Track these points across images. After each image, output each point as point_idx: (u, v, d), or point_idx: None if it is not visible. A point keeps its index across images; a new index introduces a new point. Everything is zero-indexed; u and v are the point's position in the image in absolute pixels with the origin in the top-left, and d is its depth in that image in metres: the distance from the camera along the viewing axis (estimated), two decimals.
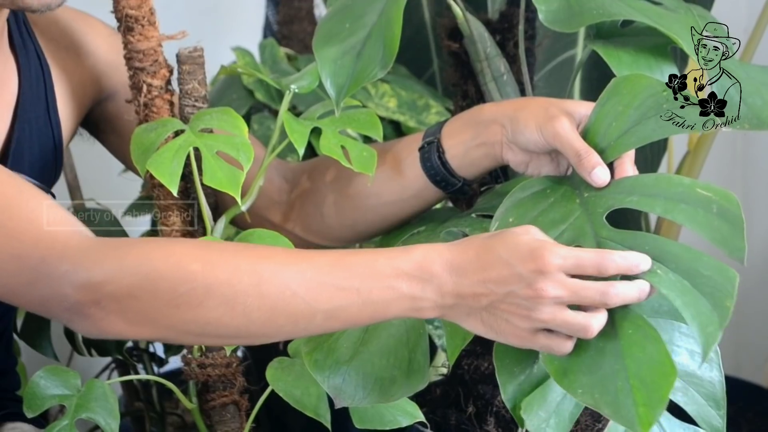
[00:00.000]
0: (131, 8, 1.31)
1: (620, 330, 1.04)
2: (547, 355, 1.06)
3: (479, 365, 1.46)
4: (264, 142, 1.45)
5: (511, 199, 1.17)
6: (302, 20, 2.39)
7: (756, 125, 1.21)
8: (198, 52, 1.34)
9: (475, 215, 1.29)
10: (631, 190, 1.13)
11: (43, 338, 1.65)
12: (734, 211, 1.06)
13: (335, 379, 1.19)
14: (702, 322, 1.01)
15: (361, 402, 1.19)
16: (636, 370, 1.01)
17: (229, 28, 2.67)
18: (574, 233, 1.11)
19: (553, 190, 1.17)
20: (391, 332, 1.20)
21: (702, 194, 1.08)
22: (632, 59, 1.22)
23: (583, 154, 1.16)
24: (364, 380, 1.19)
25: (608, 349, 1.03)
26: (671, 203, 1.09)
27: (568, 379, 1.04)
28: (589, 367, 1.03)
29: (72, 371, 1.31)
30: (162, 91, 1.35)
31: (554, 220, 1.13)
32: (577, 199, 1.15)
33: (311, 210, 1.42)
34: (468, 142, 1.30)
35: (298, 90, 1.38)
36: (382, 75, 1.26)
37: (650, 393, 1.00)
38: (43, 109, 1.39)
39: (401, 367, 1.18)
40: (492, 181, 1.39)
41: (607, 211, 1.12)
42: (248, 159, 1.26)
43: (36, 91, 1.39)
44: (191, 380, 1.40)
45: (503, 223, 1.15)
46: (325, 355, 1.20)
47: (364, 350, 1.19)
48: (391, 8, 1.27)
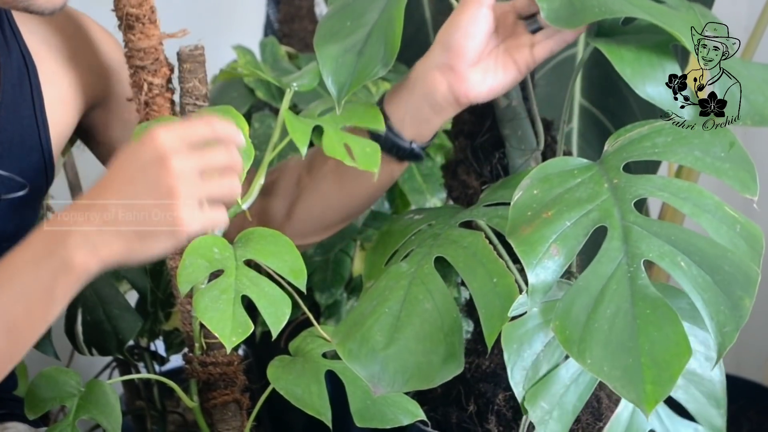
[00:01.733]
0: (132, 6, 1.31)
1: (637, 309, 1.04)
2: (559, 323, 1.06)
3: (480, 363, 1.46)
4: (265, 140, 1.45)
5: (538, 172, 1.17)
6: (303, 18, 2.39)
7: (758, 122, 1.22)
8: (199, 50, 1.33)
9: (483, 206, 1.29)
10: (663, 187, 1.13)
11: (44, 338, 1.65)
12: (757, 237, 1.08)
13: (373, 367, 1.18)
14: (720, 321, 1.02)
15: (401, 388, 1.18)
16: (649, 348, 1.01)
17: (229, 26, 2.67)
18: (600, 214, 1.11)
19: (580, 172, 1.17)
20: (425, 318, 1.19)
21: (729, 213, 1.10)
22: (634, 56, 1.21)
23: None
24: (403, 366, 1.18)
25: (624, 326, 1.03)
26: (699, 210, 1.10)
27: (578, 348, 1.04)
28: (602, 341, 1.03)
29: (72, 372, 1.32)
30: (163, 89, 1.35)
31: (580, 199, 1.13)
32: (605, 183, 1.15)
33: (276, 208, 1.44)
34: (409, 102, 1.32)
35: (299, 88, 1.38)
36: (384, 73, 1.26)
37: (661, 371, 1.00)
38: (29, 109, 1.38)
39: (438, 352, 1.18)
40: (493, 179, 1.39)
41: (635, 198, 1.12)
42: (249, 158, 1.26)
43: (19, 91, 1.37)
44: (192, 379, 1.40)
45: (528, 193, 1.14)
46: (359, 345, 1.19)
47: (400, 336, 1.18)
48: (393, 6, 1.27)
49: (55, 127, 1.41)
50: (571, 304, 1.07)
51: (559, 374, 1.14)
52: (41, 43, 1.40)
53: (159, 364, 1.90)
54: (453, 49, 1.27)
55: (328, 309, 1.96)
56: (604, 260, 1.08)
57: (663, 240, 1.08)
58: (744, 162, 1.13)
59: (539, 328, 1.14)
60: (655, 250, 1.07)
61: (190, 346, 1.39)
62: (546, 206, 1.13)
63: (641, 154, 1.17)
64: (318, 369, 1.32)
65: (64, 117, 1.42)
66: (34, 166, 1.39)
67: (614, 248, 1.09)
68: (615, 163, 1.17)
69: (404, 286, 1.21)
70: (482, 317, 1.17)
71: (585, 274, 1.08)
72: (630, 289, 1.05)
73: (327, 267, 1.95)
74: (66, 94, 1.42)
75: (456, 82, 1.28)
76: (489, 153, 1.45)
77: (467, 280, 1.20)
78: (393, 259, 1.30)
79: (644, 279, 1.06)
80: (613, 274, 1.07)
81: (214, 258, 1.24)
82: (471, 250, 1.22)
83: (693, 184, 1.14)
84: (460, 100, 1.30)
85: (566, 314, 1.06)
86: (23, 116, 1.37)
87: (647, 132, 1.19)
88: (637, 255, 1.07)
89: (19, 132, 1.37)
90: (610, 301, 1.05)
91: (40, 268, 1.10)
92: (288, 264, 1.26)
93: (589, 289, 1.07)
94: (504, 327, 1.12)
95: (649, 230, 1.09)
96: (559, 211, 1.12)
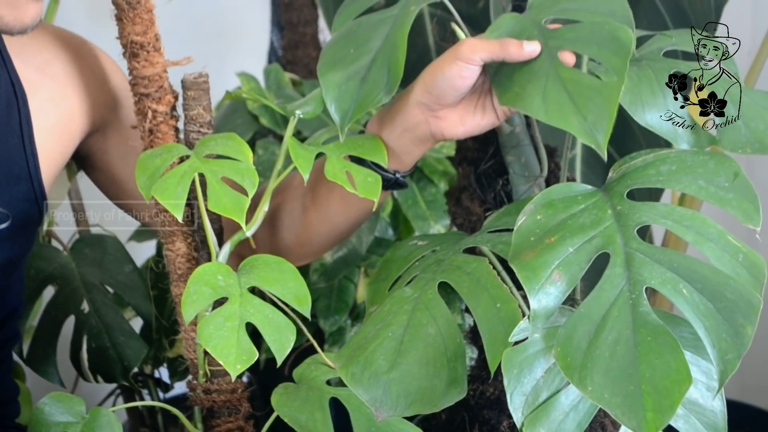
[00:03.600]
0: (136, 34, 1.31)
1: (638, 336, 1.04)
2: (561, 350, 1.06)
3: (485, 390, 1.45)
4: (269, 167, 1.46)
5: (542, 198, 1.17)
6: (307, 45, 2.40)
7: (758, 149, 1.22)
8: (203, 77, 1.34)
9: (487, 233, 1.29)
10: (666, 214, 1.13)
11: (49, 364, 1.65)
12: (759, 266, 1.08)
13: (376, 391, 1.18)
14: (722, 349, 1.02)
15: (403, 412, 1.18)
16: (650, 375, 1.01)
17: (234, 53, 2.68)
18: (603, 241, 1.11)
19: (584, 198, 1.17)
20: (429, 342, 1.19)
21: (731, 242, 1.10)
22: (634, 84, 1.22)
23: (503, 42, 1.21)
24: (406, 390, 1.18)
25: (625, 354, 1.03)
26: (702, 238, 1.10)
27: (579, 375, 1.04)
28: (603, 368, 1.03)
29: (77, 398, 1.31)
30: (167, 116, 1.35)
31: (584, 225, 1.13)
32: (609, 210, 1.15)
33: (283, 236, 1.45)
34: (390, 136, 1.33)
35: (302, 115, 1.38)
36: (387, 100, 1.26)
37: (661, 399, 1.00)
38: (17, 137, 1.37)
39: (441, 377, 1.18)
40: (496, 206, 1.39)
41: (639, 225, 1.12)
42: (253, 185, 1.26)
43: (7, 121, 1.36)
44: (196, 406, 1.39)
45: (531, 219, 1.15)
46: (362, 368, 1.19)
47: (403, 361, 1.19)
48: (396, 33, 1.28)
49: (47, 155, 1.40)
50: (573, 331, 1.07)
51: (559, 401, 1.14)
52: (36, 71, 1.40)
53: (163, 391, 1.90)
54: (435, 94, 1.28)
55: (332, 336, 1.96)
56: (606, 287, 1.08)
57: (665, 267, 1.08)
58: (748, 193, 1.13)
59: (540, 354, 1.14)
60: (657, 277, 1.08)
61: (194, 374, 1.39)
62: (549, 232, 1.13)
63: (645, 181, 1.18)
64: (322, 396, 1.31)
65: (57, 145, 1.42)
66: (22, 195, 1.39)
67: (616, 275, 1.09)
68: (619, 189, 1.18)
69: (408, 310, 1.21)
70: (486, 343, 1.17)
71: (587, 301, 1.08)
72: (631, 316, 1.05)
73: (331, 294, 1.96)
74: (61, 121, 1.41)
75: (434, 121, 1.30)
76: (492, 180, 1.45)
77: (471, 306, 1.20)
78: (396, 285, 1.30)
79: (646, 306, 1.06)
80: (615, 300, 1.07)
81: (219, 285, 1.24)
82: (475, 275, 1.22)
83: (696, 212, 1.14)
84: (436, 137, 1.32)
85: (568, 341, 1.07)
86: (10, 146, 1.36)
87: (652, 160, 1.19)
88: (639, 282, 1.08)
89: (6, 162, 1.36)
90: (611, 328, 1.05)
91: None
92: (292, 291, 1.26)
93: (591, 315, 1.07)
94: (505, 352, 1.12)
95: (651, 257, 1.09)
96: (562, 237, 1.12)
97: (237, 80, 2.11)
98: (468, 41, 1.25)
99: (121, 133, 1.45)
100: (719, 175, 1.15)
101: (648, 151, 1.21)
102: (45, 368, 1.65)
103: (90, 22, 1.68)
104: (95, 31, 1.47)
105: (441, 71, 1.26)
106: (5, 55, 1.38)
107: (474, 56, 1.23)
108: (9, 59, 1.38)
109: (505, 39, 1.22)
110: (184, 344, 1.40)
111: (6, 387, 1.52)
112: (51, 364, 1.65)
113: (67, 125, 1.42)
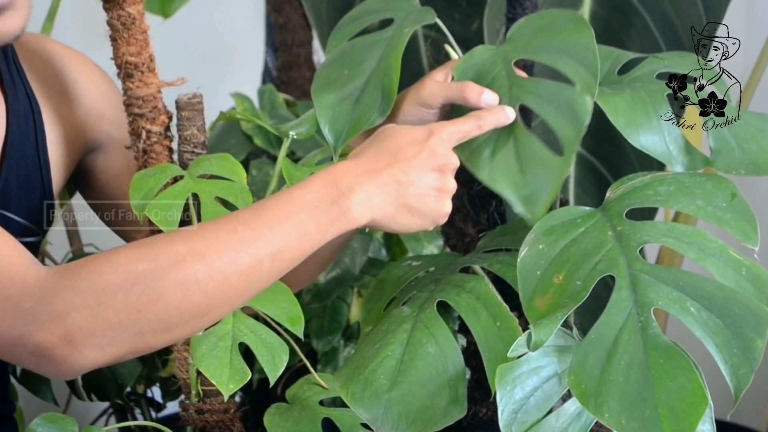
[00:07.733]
0: (131, 55, 1.32)
1: (651, 359, 1.04)
2: (574, 378, 1.06)
3: (477, 411, 1.45)
4: (263, 187, 1.46)
5: (541, 225, 1.17)
6: (301, 66, 2.41)
7: (752, 171, 1.23)
8: (197, 98, 1.34)
9: (483, 252, 1.29)
10: (666, 233, 1.14)
11: (43, 383, 1.65)
12: (763, 279, 1.09)
13: (377, 410, 1.18)
14: (734, 364, 1.02)
15: (405, 431, 1.18)
16: (666, 398, 1.01)
17: (228, 74, 2.69)
18: (607, 264, 1.12)
19: (584, 220, 1.18)
20: (429, 361, 1.19)
21: (734, 256, 1.11)
22: (628, 106, 1.23)
23: (464, 86, 1.24)
24: (407, 410, 1.18)
25: (638, 378, 1.03)
26: (704, 254, 1.11)
27: (595, 403, 1.04)
28: (618, 393, 1.03)
29: (69, 418, 1.31)
30: (161, 137, 1.35)
31: (587, 251, 1.13)
32: (609, 231, 1.15)
33: None
34: None
35: (296, 136, 1.38)
36: (381, 121, 1.27)
37: (679, 421, 1.00)
38: (33, 148, 1.38)
39: (441, 395, 1.18)
40: (490, 227, 1.39)
41: (640, 245, 1.13)
42: (246, 205, 1.26)
43: (25, 131, 1.37)
44: (189, 426, 1.39)
45: (533, 249, 1.15)
46: (362, 387, 1.19)
47: (403, 380, 1.19)
48: (390, 55, 1.28)
49: (57, 167, 1.41)
50: (585, 358, 1.06)
51: (549, 422, 1.13)
52: (43, 84, 1.41)
53: (155, 410, 1.90)
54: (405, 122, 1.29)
55: (325, 356, 1.96)
56: (614, 311, 1.08)
57: (671, 287, 1.08)
58: (745, 213, 1.14)
59: (533, 372, 1.13)
60: (664, 297, 1.08)
61: (187, 393, 1.39)
62: (554, 264, 1.13)
63: (644, 201, 1.18)
64: (315, 416, 1.32)
65: (64, 158, 1.43)
66: (36, 206, 1.40)
67: (623, 298, 1.09)
68: (618, 209, 1.18)
69: (407, 329, 1.21)
70: (486, 361, 1.17)
71: (597, 326, 1.08)
72: (642, 339, 1.05)
73: (324, 314, 1.95)
74: (67, 135, 1.42)
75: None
76: (486, 201, 1.46)
77: (470, 324, 1.20)
78: (391, 305, 1.30)
79: (655, 328, 1.06)
80: (624, 324, 1.07)
81: None
82: (474, 294, 1.22)
83: (697, 229, 1.14)
84: None
85: (581, 368, 1.06)
86: (27, 156, 1.38)
87: (649, 181, 1.20)
88: (647, 303, 1.08)
89: (25, 172, 1.37)
90: (623, 353, 1.05)
91: (321, 212, 1.14)
92: (285, 311, 1.26)
93: (602, 341, 1.07)
94: (499, 368, 1.12)
95: (656, 277, 1.09)
96: (569, 273, 1.12)
97: (231, 101, 2.11)
98: (430, 85, 1.28)
99: (120, 152, 1.45)
100: (717, 196, 1.15)
101: (645, 173, 1.22)
102: (39, 388, 1.65)
103: (84, 42, 1.68)
104: (90, 51, 1.48)
105: (403, 113, 1.30)
106: (20, 67, 1.39)
107: (433, 102, 1.28)
108: (23, 72, 1.39)
109: (466, 83, 1.24)
110: (177, 364, 1.40)
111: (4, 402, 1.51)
112: (44, 383, 1.65)
113: (72, 139, 1.43)
